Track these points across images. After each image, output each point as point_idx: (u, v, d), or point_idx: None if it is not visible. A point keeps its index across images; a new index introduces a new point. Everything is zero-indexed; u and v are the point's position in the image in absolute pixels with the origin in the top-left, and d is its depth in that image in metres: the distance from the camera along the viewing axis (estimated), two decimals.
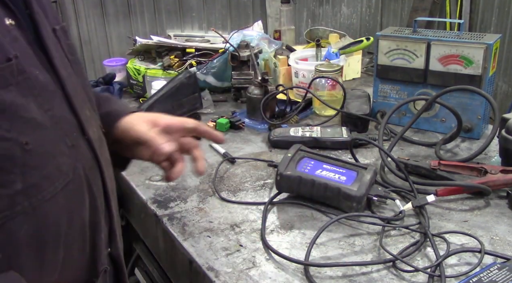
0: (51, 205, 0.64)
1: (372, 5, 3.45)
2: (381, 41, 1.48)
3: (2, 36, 0.59)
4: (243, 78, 1.74)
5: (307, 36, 2.21)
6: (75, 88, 0.71)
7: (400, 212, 1.03)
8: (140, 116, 0.94)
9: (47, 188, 0.63)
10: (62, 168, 0.65)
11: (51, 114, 0.64)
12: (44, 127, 0.63)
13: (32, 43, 0.65)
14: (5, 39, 0.60)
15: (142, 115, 0.94)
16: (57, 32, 0.71)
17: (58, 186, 0.64)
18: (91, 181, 0.70)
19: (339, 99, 1.59)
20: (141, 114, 0.95)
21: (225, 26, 3.16)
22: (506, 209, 1.08)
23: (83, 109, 0.71)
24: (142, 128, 0.90)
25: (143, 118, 0.93)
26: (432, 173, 1.19)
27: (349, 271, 0.90)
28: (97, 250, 0.74)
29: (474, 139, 1.42)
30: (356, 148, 1.36)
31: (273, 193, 1.15)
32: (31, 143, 0.60)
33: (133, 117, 0.92)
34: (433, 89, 1.43)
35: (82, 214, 0.70)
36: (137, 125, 0.90)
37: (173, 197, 1.17)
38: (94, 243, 0.73)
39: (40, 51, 0.66)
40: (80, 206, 0.69)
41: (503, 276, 0.83)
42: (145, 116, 0.94)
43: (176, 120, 0.95)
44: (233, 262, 0.94)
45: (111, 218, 0.77)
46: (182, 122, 0.95)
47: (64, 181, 0.65)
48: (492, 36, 1.38)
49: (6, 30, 0.60)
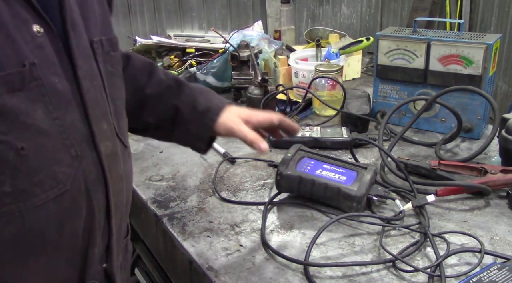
0: (41, 212, 0.64)
1: (372, 5, 3.45)
2: (381, 41, 1.48)
3: (24, 42, 0.60)
4: (243, 78, 1.74)
5: (307, 36, 2.21)
6: (97, 100, 0.70)
7: (400, 212, 1.04)
8: (235, 112, 1.01)
9: (38, 195, 0.63)
10: (58, 177, 0.65)
11: (58, 123, 0.64)
12: (47, 134, 0.63)
13: (60, 52, 0.65)
14: (27, 46, 0.60)
15: (236, 111, 1.01)
16: (95, 44, 0.71)
17: (51, 195, 0.64)
18: (92, 195, 0.70)
19: (339, 99, 1.59)
20: (235, 110, 1.02)
21: (225, 26, 3.16)
22: (506, 209, 1.08)
23: (100, 122, 0.71)
24: (238, 126, 0.98)
25: (237, 113, 1.00)
26: (432, 173, 1.19)
27: (349, 271, 0.90)
28: (88, 264, 0.73)
29: (474, 139, 1.42)
30: (356, 148, 1.36)
31: (273, 193, 1.15)
32: (27, 149, 0.60)
33: (230, 113, 1.00)
34: (433, 89, 1.43)
35: (75, 226, 0.69)
36: (232, 122, 0.98)
37: (173, 197, 1.17)
38: (85, 257, 0.72)
39: (68, 60, 0.66)
40: (74, 217, 0.68)
41: (503, 276, 0.83)
42: (239, 113, 1.01)
43: (265, 118, 1.03)
44: (233, 262, 0.94)
45: (110, 234, 0.76)
46: (270, 119, 1.04)
47: (59, 190, 0.65)
48: (492, 36, 1.38)
49: (30, 37, 0.61)
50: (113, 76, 0.77)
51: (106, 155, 0.71)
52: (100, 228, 0.73)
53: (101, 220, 0.73)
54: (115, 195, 0.75)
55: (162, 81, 1.02)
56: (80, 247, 0.71)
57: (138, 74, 1.02)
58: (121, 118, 0.80)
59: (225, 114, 1.00)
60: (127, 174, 0.82)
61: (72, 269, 0.72)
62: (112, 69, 0.77)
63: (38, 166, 0.63)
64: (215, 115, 0.99)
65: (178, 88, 1.02)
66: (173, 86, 1.02)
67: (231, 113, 1.00)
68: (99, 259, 0.75)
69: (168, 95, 1.01)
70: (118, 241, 0.80)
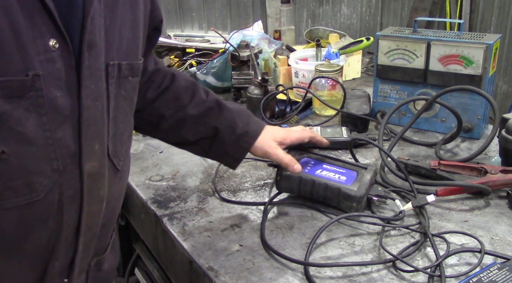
0: (8, 216, 0.64)
1: (372, 5, 3.45)
2: (381, 41, 1.48)
3: (36, 53, 0.60)
4: (243, 78, 1.74)
5: (307, 36, 2.21)
6: (96, 120, 0.70)
7: (400, 212, 1.03)
8: (271, 135, 1.08)
9: (8, 199, 0.63)
10: (34, 186, 0.65)
11: (48, 135, 0.64)
12: (32, 144, 0.63)
13: (70, 68, 0.65)
14: (37, 57, 0.60)
15: (272, 133, 1.09)
16: (110, 67, 0.71)
17: (22, 201, 0.64)
18: (64, 211, 0.69)
19: (339, 99, 1.59)
20: (271, 133, 1.09)
21: (225, 26, 3.16)
22: (506, 209, 1.08)
23: (93, 142, 0.71)
24: (274, 151, 1.06)
25: (272, 137, 1.08)
26: (432, 173, 1.19)
27: (349, 271, 0.90)
28: (48, 276, 0.73)
29: (474, 139, 1.42)
30: (356, 148, 1.36)
31: (273, 193, 1.15)
32: (8, 153, 0.61)
33: (266, 137, 1.07)
34: (433, 89, 1.43)
35: (39, 237, 0.69)
36: (268, 147, 1.06)
37: (173, 197, 1.17)
38: (45, 268, 0.72)
39: (76, 78, 0.66)
40: (39, 229, 0.68)
41: (503, 276, 0.83)
42: (275, 135, 1.08)
43: (298, 138, 1.12)
44: (233, 262, 0.94)
45: (75, 250, 0.75)
46: (302, 139, 1.13)
47: (31, 198, 0.65)
48: (492, 36, 1.38)
49: (44, 49, 0.61)
50: (123, 100, 0.77)
51: (89, 174, 0.71)
52: (66, 243, 0.73)
53: (68, 236, 0.72)
54: (90, 216, 0.74)
55: (204, 102, 1.06)
56: (41, 257, 0.71)
57: (182, 93, 1.05)
58: (119, 141, 0.79)
59: (261, 137, 1.06)
60: (112, 197, 0.81)
61: (31, 278, 0.72)
62: (125, 93, 0.77)
63: (16, 172, 0.63)
64: (252, 138, 1.05)
65: (218, 109, 1.06)
66: (214, 107, 1.05)
67: (267, 136, 1.07)
68: (59, 273, 0.75)
69: (208, 116, 1.05)
70: (84, 259, 0.79)
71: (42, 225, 0.68)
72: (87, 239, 0.76)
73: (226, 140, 1.04)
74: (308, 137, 1.14)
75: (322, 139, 1.18)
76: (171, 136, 1.08)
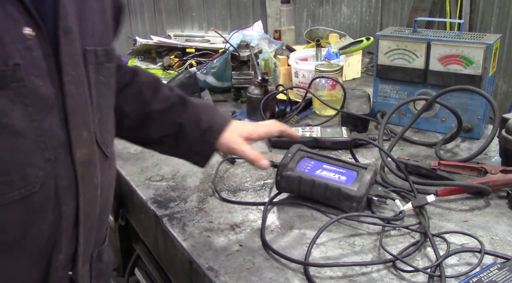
0: (5, 211, 0.64)
1: (372, 5, 3.45)
2: (381, 41, 1.48)
3: (12, 42, 0.60)
4: (243, 78, 1.74)
5: (307, 36, 2.21)
6: (80, 106, 0.70)
7: (400, 212, 1.03)
8: (236, 131, 1.04)
9: (5, 194, 0.63)
10: (29, 178, 0.65)
11: (36, 125, 0.64)
12: (22, 136, 0.63)
13: (48, 56, 0.65)
14: (14, 46, 0.60)
15: (238, 129, 1.05)
16: (87, 53, 0.71)
17: (18, 195, 0.64)
18: (61, 201, 0.69)
19: (339, 99, 1.59)
20: (237, 128, 1.05)
21: (225, 26, 3.16)
22: (506, 209, 1.08)
23: (80, 129, 0.70)
24: (239, 147, 1.02)
25: (238, 132, 1.04)
26: (432, 173, 1.19)
27: (349, 271, 0.90)
28: (52, 269, 0.72)
29: (474, 139, 1.42)
30: (356, 148, 1.36)
31: (273, 193, 1.15)
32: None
33: (231, 132, 1.03)
34: (433, 89, 1.43)
35: (40, 229, 0.68)
36: (233, 142, 1.02)
37: (173, 197, 1.17)
38: (49, 261, 0.72)
39: (55, 65, 0.66)
40: (39, 220, 0.68)
41: (503, 276, 0.83)
42: (241, 131, 1.04)
43: (266, 132, 1.09)
44: (233, 262, 0.94)
45: (77, 242, 0.75)
46: (270, 133, 1.10)
47: (27, 191, 0.65)
48: (492, 36, 1.38)
49: (20, 38, 0.61)
50: (103, 86, 0.77)
51: (81, 162, 0.71)
52: (67, 234, 0.72)
53: (68, 227, 0.72)
54: (87, 204, 0.74)
55: (168, 97, 1.03)
56: (44, 251, 0.70)
57: (144, 89, 1.03)
58: (105, 128, 0.79)
59: (227, 133, 1.03)
60: (105, 185, 0.81)
61: (35, 273, 0.71)
62: (104, 79, 0.77)
63: (10, 166, 0.63)
64: (217, 133, 1.02)
65: (183, 104, 1.03)
66: (178, 103, 1.03)
67: (233, 131, 1.04)
68: (63, 265, 0.74)
69: (173, 112, 1.02)
70: (86, 250, 0.79)
71: (41, 218, 0.68)
72: (87, 229, 0.76)
73: (191, 135, 1.02)
74: (277, 131, 1.10)
75: (293, 132, 1.16)
76: (135, 134, 1.05)
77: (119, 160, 1.35)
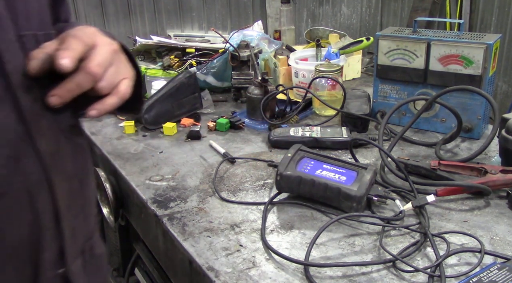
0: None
1: (372, 5, 3.45)
2: (381, 41, 1.48)
3: None
4: (243, 78, 1.74)
5: (307, 36, 2.21)
6: (32, 96, 0.65)
7: (400, 212, 1.03)
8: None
9: None
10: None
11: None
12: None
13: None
14: None
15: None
16: (24, 38, 0.66)
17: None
18: (34, 198, 0.66)
19: (339, 99, 1.59)
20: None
21: (225, 26, 3.16)
22: (506, 209, 1.08)
23: (38, 119, 0.66)
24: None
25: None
26: (432, 173, 1.19)
27: (349, 271, 0.90)
28: (40, 271, 0.69)
29: (474, 139, 1.42)
30: (356, 148, 1.36)
31: (273, 193, 1.15)
32: None
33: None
34: (433, 89, 1.43)
35: (18, 232, 0.65)
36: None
37: (173, 197, 1.17)
38: (36, 263, 0.68)
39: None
40: (16, 223, 0.65)
41: (503, 276, 0.83)
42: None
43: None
44: (233, 262, 0.94)
45: (61, 238, 0.71)
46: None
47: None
48: (492, 36, 1.38)
49: None
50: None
51: (47, 153, 0.66)
52: (49, 231, 0.69)
53: (49, 225, 0.68)
54: (66, 196, 0.71)
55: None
56: (28, 253, 0.67)
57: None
58: (63, 114, 0.72)
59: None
60: (81, 173, 0.77)
61: (21, 278, 0.68)
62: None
63: None
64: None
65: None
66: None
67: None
68: (52, 264, 0.71)
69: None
70: (74, 245, 0.75)
71: (17, 219, 0.65)
72: (70, 221, 0.72)
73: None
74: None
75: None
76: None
77: (119, 160, 1.35)
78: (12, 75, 0.63)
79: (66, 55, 0.63)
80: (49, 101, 0.66)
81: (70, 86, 0.65)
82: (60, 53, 0.63)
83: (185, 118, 1.59)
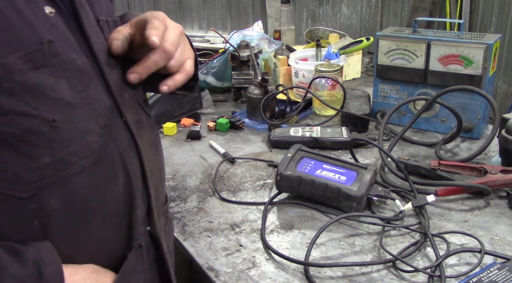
0: (80, 180, 0.67)
1: (372, 5, 3.45)
2: (381, 41, 1.48)
3: (40, 23, 0.63)
4: (243, 78, 1.74)
5: (307, 36, 2.21)
6: (116, 73, 0.73)
7: (400, 212, 1.03)
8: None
9: (75, 163, 0.66)
10: (92, 145, 0.68)
11: (84, 95, 0.67)
12: (74, 106, 0.66)
13: (73, 30, 0.68)
14: (42, 25, 0.63)
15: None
16: (101, 22, 0.74)
17: (87, 163, 0.67)
18: (126, 161, 0.73)
19: (339, 99, 1.59)
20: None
21: (225, 26, 3.16)
22: (506, 209, 1.08)
23: (122, 93, 0.74)
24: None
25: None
26: (432, 173, 1.19)
27: (349, 271, 0.90)
28: (133, 226, 0.76)
29: (474, 139, 1.42)
30: (356, 148, 1.36)
31: (273, 193, 1.15)
32: (58, 121, 0.64)
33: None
34: (433, 89, 1.43)
35: (115, 191, 0.72)
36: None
37: (173, 197, 1.17)
38: (129, 220, 0.75)
39: (82, 37, 0.69)
40: (112, 183, 0.71)
41: (503, 276, 0.83)
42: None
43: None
44: (233, 262, 0.94)
45: (149, 198, 0.78)
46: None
47: (94, 158, 0.68)
48: (492, 36, 1.38)
49: (44, 18, 0.64)
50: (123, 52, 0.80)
51: (133, 122, 0.74)
52: (139, 191, 0.76)
53: (138, 184, 0.76)
54: (148, 161, 0.78)
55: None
56: (123, 211, 0.74)
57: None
58: (138, 90, 0.82)
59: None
60: (156, 142, 0.85)
61: (119, 233, 0.75)
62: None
63: (71, 136, 0.66)
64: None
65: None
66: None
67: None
68: (142, 221, 0.77)
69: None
70: (157, 205, 0.82)
71: (113, 181, 0.71)
72: (153, 184, 0.80)
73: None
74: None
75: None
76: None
77: None
78: (99, 54, 0.70)
79: (155, 33, 0.72)
80: (129, 78, 0.74)
81: (148, 64, 0.73)
82: (151, 32, 0.72)
83: (185, 118, 1.59)
